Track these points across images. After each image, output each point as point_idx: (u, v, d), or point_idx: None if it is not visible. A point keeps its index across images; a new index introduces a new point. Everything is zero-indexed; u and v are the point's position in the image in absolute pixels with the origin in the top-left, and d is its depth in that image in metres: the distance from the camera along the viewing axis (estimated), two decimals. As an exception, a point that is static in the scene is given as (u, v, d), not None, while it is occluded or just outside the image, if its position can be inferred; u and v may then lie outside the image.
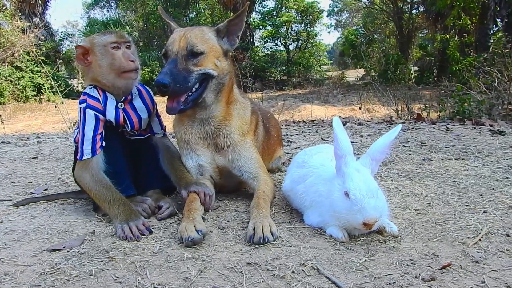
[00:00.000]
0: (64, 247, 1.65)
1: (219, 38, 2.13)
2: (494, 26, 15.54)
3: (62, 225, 1.92)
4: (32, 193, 2.55)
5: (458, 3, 15.21)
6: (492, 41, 14.85)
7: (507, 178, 2.43)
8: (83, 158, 1.99)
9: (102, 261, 1.53)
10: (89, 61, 2.06)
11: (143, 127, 2.23)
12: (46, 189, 2.65)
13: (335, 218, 1.64)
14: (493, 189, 2.24)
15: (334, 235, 1.66)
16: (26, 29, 17.87)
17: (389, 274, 1.37)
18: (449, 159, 2.98)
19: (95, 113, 2.02)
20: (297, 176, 2.01)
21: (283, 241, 1.66)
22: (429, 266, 1.41)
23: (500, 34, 13.96)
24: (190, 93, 2.03)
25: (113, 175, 2.02)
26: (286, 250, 1.57)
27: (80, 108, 2.04)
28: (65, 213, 2.13)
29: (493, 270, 1.38)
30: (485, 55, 9.97)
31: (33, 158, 3.74)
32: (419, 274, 1.36)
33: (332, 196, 1.64)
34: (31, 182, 2.85)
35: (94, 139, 2.00)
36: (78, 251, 1.62)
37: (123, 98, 2.11)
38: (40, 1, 20.66)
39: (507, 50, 7.92)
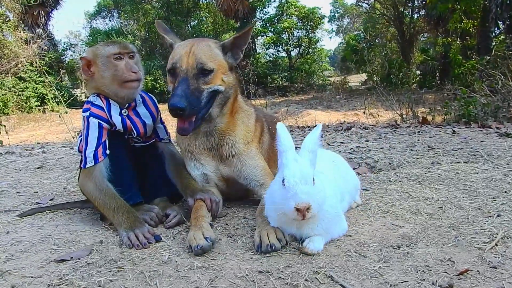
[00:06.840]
0: (72, 257, 1.63)
1: (224, 53, 2.07)
2: (495, 28, 15.49)
3: (69, 235, 1.90)
4: (38, 203, 2.53)
5: (459, 6, 15.19)
6: (494, 43, 14.80)
7: (518, 180, 2.39)
8: (87, 166, 1.99)
9: (110, 271, 1.50)
10: (92, 72, 2.06)
11: (148, 133, 2.22)
12: (52, 199, 2.63)
13: (274, 210, 1.69)
14: (505, 192, 2.20)
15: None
16: (29, 40, 17.96)
17: (405, 281, 1.33)
18: (458, 162, 2.94)
19: (98, 121, 2.01)
20: None
21: (294, 248, 1.63)
22: (446, 272, 1.38)
23: (502, 37, 13.91)
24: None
25: (120, 183, 2.01)
26: (298, 258, 1.54)
27: (84, 116, 2.04)
28: (71, 223, 2.11)
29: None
30: (488, 57, 9.92)
31: (38, 168, 3.73)
32: (436, 281, 1.32)
33: (272, 188, 1.72)
34: (37, 192, 2.83)
35: (97, 147, 1.99)
36: (86, 262, 1.59)
37: (127, 105, 2.11)
38: (43, 12, 20.79)
39: (510, 52, 7.89)
